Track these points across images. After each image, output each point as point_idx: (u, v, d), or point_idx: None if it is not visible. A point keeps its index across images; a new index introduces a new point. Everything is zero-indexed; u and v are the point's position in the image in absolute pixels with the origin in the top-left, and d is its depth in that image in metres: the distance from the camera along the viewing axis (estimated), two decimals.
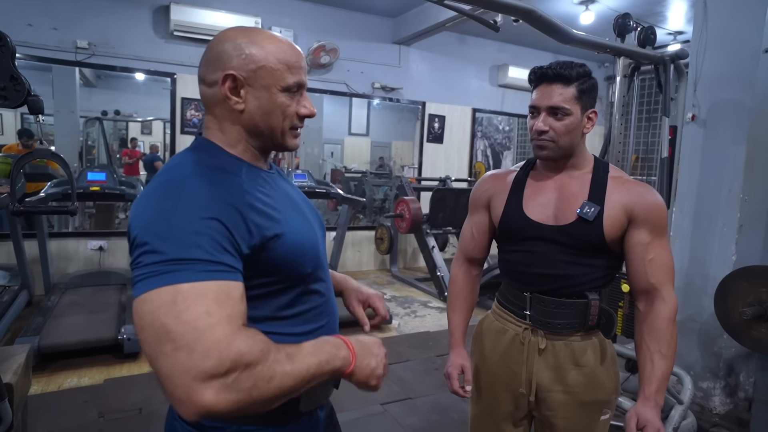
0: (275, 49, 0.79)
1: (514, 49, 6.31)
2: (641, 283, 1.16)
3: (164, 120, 7.55)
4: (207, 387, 0.59)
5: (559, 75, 1.12)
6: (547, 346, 1.20)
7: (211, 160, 0.78)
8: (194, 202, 0.68)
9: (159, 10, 4.46)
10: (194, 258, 0.64)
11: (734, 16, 2.47)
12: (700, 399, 2.58)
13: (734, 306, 2.12)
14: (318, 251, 0.86)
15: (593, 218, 1.12)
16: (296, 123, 0.83)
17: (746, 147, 2.44)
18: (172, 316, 0.61)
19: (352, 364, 0.74)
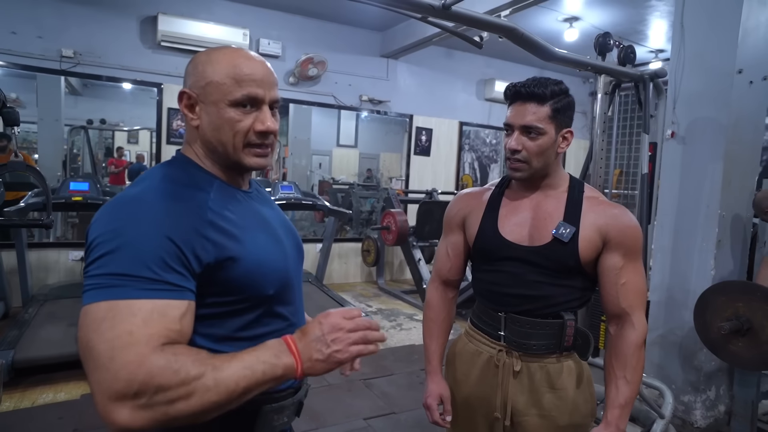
0: (227, 64, 0.78)
1: (500, 64, 6.41)
2: (613, 307, 1.15)
3: (151, 129, 7.51)
4: (120, 407, 0.60)
5: (533, 94, 1.11)
6: (522, 369, 1.17)
7: (183, 175, 0.79)
8: (149, 218, 0.69)
9: (146, 20, 4.45)
10: (137, 275, 0.65)
11: (710, 37, 2.54)
12: (681, 413, 2.59)
13: (712, 320, 2.15)
14: (286, 274, 0.84)
15: (568, 239, 1.12)
16: (252, 139, 0.79)
17: (723, 164, 2.49)
18: (98, 333, 0.62)
19: (298, 369, 0.71)
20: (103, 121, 6.77)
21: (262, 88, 0.79)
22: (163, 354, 0.63)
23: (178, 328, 0.67)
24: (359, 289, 5.53)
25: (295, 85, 5.20)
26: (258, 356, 0.69)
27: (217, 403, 0.65)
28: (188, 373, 0.63)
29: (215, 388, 0.64)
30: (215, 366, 0.66)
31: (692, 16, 2.62)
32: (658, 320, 2.75)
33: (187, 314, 0.69)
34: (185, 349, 0.67)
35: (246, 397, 0.68)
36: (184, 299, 0.69)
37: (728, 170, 2.52)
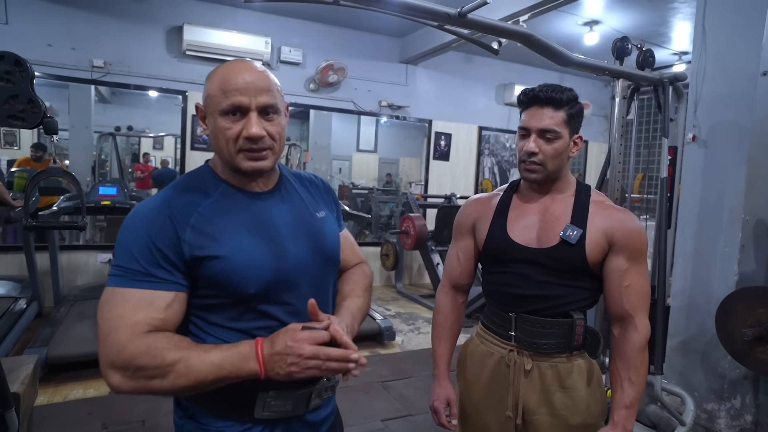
0: (218, 78, 0.85)
1: (520, 68, 6.39)
2: (616, 309, 1.17)
3: (176, 136, 7.73)
4: (113, 373, 0.76)
5: (551, 98, 1.14)
6: (533, 368, 1.19)
7: (193, 182, 0.90)
8: (139, 223, 0.82)
9: (172, 30, 4.61)
10: (130, 268, 0.79)
11: (733, 39, 2.51)
12: (704, 421, 2.55)
13: (735, 328, 2.12)
14: (276, 275, 0.86)
15: (576, 241, 1.14)
16: (243, 145, 0.84)
17: (747, 168, 2.45)
18: (102, 313, 0.79)
19: (262, 374, 0.79)
20: (130, 128, 6.99)
21: (246, 95, 0.83)
22: (145, 340, 0.76)
23: (162, 316, 0.79)
24: (378, 293, 5.56)
25: (315, 92, 5.29)
26: (228, 357, 0.78)
27: (187, 386, 0.77)
28: (164, 359, 0.76)
29: (186, 375, 0.76)
30: (190, 356, 0.77)
31: (714, 18, 2.59)
32: (680, 326, 2.71)
33: (173, 304, 0.81)
34: (166, 337, 0.78)
35: (214, 386, 0.79)
36: (170, 291, 0.81)
37: (752, 174, 2.47)
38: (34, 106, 1.42)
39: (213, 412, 0.87)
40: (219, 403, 0.86)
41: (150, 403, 2.71)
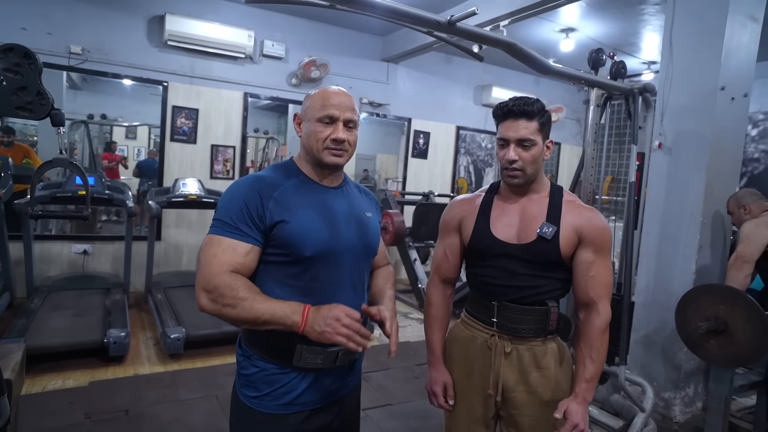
0: (319, 95, 1.16)
1: (497, 71, 6.56)
2: (582, 296, 1.32)
3: (150, 125, 7.60)
4: (202, 294, 1.05)
5: (524, 111, 1.27)
6: (512, 351, 1.33)
7: (280, 168, 1.20)
8: (238, 190, 1.12)
9: (154, 19, 4.54)
10: (225, 222, 1.09)
11: (696, 55, 2.70)
12: (662, 408, 2.74)
13: (693, 318, 2.30)
14: (327, 246, 1.13)
15: (551, 237, 1.28)
16: (329, 144, 1.14)
17: (706, 175, 2.65)
18: (202, 251, 1.08)
19: (301, 328, 1.03)
20: (104, 116, 6.81)
21: (337, 110, 1.14)
22: (230, 276, 1.05)
23: (241, 261, 1.07)
24: None
25: (297, 86, 5.31)
26: (282, 307, 1.05)
27: (247, 319, 1.04)
28: (237, 293, 1.03)
29: (249, 310, 1.03)
30: (255, 298, 1.04)
31: (680, 34, 2.78)
32: (642, 321, 2.90)
33: (250, 253, 1.08)
34: (242, 280, 1.06)
35: (265, 326, 1.04)
36: (248, 243, 1.08)
37: (711, 180, 2.67)
38: (42, 98, 1.44)
39: (263, 355, 1.14)
40: (268, 349, 1.13)
41: (132, 393, 2.73)
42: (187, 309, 3.73)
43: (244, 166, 5.24)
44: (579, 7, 4.44)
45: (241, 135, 5.10)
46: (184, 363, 3.19)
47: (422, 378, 3.24)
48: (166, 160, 4.75)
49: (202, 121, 4.86)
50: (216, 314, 1.04)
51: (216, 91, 4.90)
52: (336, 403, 1.22)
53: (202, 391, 2.82)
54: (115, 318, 3.44)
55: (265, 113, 8.16)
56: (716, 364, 2.26)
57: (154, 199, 3.99)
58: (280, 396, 1.13)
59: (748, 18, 2.69)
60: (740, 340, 2.12)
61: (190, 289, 4.26)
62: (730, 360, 2.18)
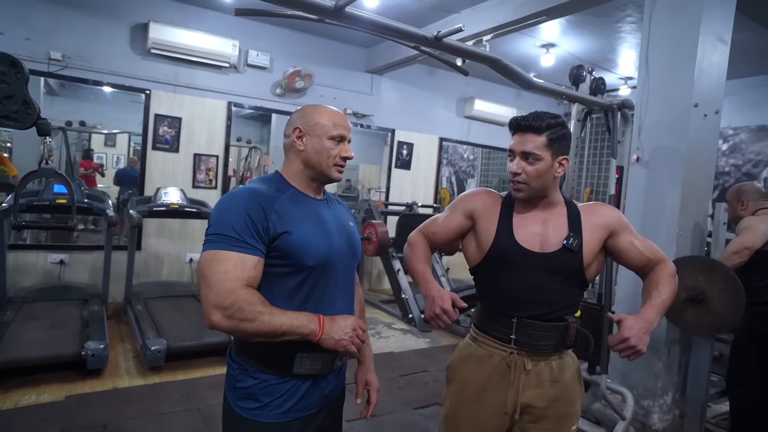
0: (328, 114, 1.22)
1: (480, 84, 6.67)
2: (644, 263, 1.35)
3: (131, 133, 7.49)
4: (215, 312, 1.04)
5: (530, 126, 1.29)
6: (531, 367, 1.31)
7: (272, 182, 1.21)
8: (238, 202, 1.11)
9: (137, 27, 4.51)
10: (228, 235, 1.07)
11: (671, 73, 2.80)
12: (641, 416, 2.80)
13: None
14: (326, 256, 1.17)
15: (576, 249, 1.29)
16: (338, 162, 1.22)
17: (681, 188, 2.74)
18: (209, 269, 1.06)
19: (318, 336, 1.09)
20: (82, 123, 6.70)
21: (346, 131, 1.23)
22: (246, 291, 1.06)
23: (253, 274, 1.09)
24: None
25: (281, 96, 5.32)
26: (298, 317, 1.09)
27: (266, 332, 1.06)
28: (256, 308, 1.05)
29: (268, 323, 1.05)
30: (272, 312, 1.07)
31: (656, 54, 2.88)
32: None
33: (258, 266, 1.10)
34: (257, 294, 1.09)
35: (283, 337, 1.07)
36: (255, 255, 1.09)
37: (686, 194, 2.77)
38: (28, 107, 1.42)
39: (261, 367, 1.15)
40: (266, 360, 1.15)
41: (111, 408, 2.66)
42: (168, 320, 3.67)
43: (227, 175, 5.20)
44: (559, 24, 4.57)
45: (225, 144, 5.07)
46: (165, 375, 3.13)
47: (406, 389, 3.24)
48: (148, 168, 4.69)
49: (185, 129, 4.82)
50: (230, 330, 1.05)
51: (199, 99, 4.87)
52: (329, 405, 1.26)
53: (183, 404, 2.77)
54: (92, 329, 3.36)
55: (248, 122, 8.15)
56: (691, 331, 2.31)
57: (136, 208, 3.93)
58: (281, 404, 1.16)
59: (718, 39, 2.81)
60: (716, 309, 2.17)
61: (171, 300, 4.19)
62: (704, 328, 2.24)
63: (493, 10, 4.08)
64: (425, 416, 2.82)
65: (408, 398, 3.07)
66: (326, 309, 1.17)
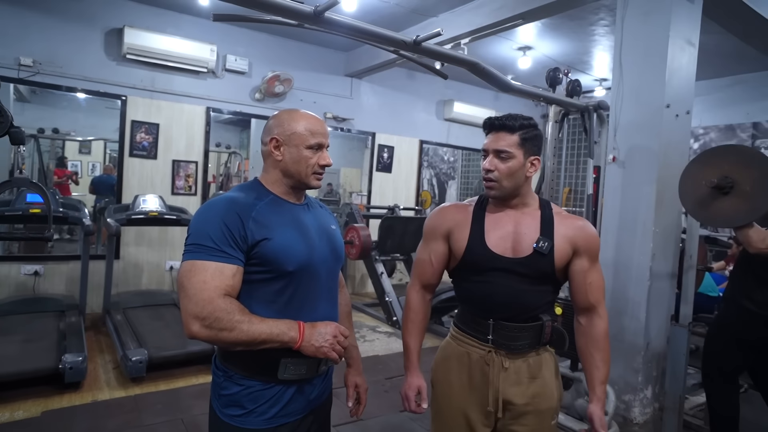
0: (305, 122, 1.21)
1: (459, 86, 6.74)
2: (583, 302, 1.38)
3: (107, 140, 7.34)
4: (194, 322, 1.04)
5: (503, 125, 1.32)
6: (509, 365, 1.35)
7: (248, 189, 1.21)
8: (215, 212, 1.12)
9: (112, 32, 4.43)
10: (206, 245, 1.08)
11: (643, 75, 2.88)
12: (623, 411, 2.85)
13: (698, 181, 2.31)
14: (306, 260, 1.17)
15: (547, 252, 1.31)
16: (317, 170, 1.22)
17: (656, 186, 2.81)
18: (187, 279, 1.06)
19: (298, 343, 1.09)
20: (55, 130, 6.54)
21: (324, 138, 1.23)
22: (224, 300, 1.06)
23: (231, 283, 1.08)
24: None
25: (261, 101, 5.28)
26: (278, 324, 1.09)
27: (244, 341, 1.06)
28: (234, 317, 1.04)
29: (246, 332, 1.05)
30: (251, 321, 1.06)
31: (629, 56, 2.96)
32: None
33: (236, 275, 1.10)
34: (236, 303, 1.08)
35: (262, 345, 1.07)
36: (234, 264, 1.09)
37: (660, 192, 2.84)
38: (1, 115, 1.38)
39: (245, 373, 1.15)
40: (251, 367, 1.15)
41: (92, 421, 2.60)
42: (149, 329, 3.60)
43: (207, 181, 5.14)
44: (535, 27, 4.65)
45: (204, 150, 5.01)
46: (146, 386, 3.07)
47: (392, 391, 3.24)
48: (125, 176, 4.60)
49: (163, 135, 4.74)
50: (209, 339, 1.05)
51: (177, 105, 4.81)
52: (315, 410, 1.26)
53: (166, 414, 2.72)
54: (70, 342, 3.27)
55: (227, 127, 8.06)
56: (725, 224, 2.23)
57: (113, 216, 3.86)
58: (267, 410, 1.16)
59: (686, 42, 2.90)
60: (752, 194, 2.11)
61: (151, 309, 4.11)
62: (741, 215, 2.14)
63: (470, 13, 4.13)
64: (411, 418, 2.83)
65: (394, 401, 3.08)
66: (309, 314, 1.17)
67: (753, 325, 2.18)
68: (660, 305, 2.92)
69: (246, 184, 1.25)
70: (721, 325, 2.35)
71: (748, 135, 5.71)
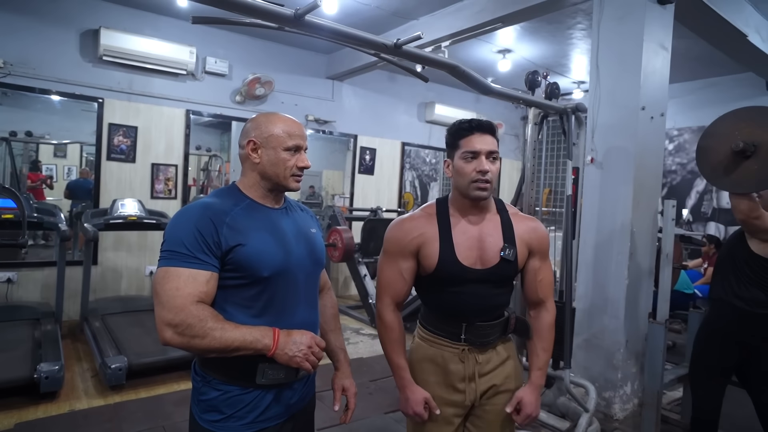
0: (282, 124, 1.21)
1: (440, 89, 6.78)
2: (533, 297, 1.48)
3: (83, 143, 7.17)
4: (167, 329, 1.04)
5: (489, 127, 1.37)
6: (482, 358, 1.42)
7: (224, 194, 1.20)
8: (189, 218, 1.11)
9: (87, 33, 4.34)
10: (180, 252, 1.07)
11: (620, 78, 2.95)
12: (603, 407, 2.91)
13: (718, 147, 2.18)
14: (283, 266, 1.17)
15: (513, 258, 1.37)
16: (295, 172, 1.22)
17: (633, 187, 2.88)
18: (160, 285, 1.07)
19: (272, 351, 1.08)
20: (29, 133, 6.36)
21: (302, 141, 1.23)
22: (197, 307, 1.05)
23: (205, 290, 1.08)
24: None
25: (241, 104, 5.24)
26: (252, 332, 1.08)
27: (217, 348, 1.05)
28: (206, 324, 1.04)
29: (219, 339, 1.04)
30: (224, 327, 1.06)
31: (605, 58, 3.03)
32: (583, 326, 3.08)
33: (210, 281, 1.09)
34: (209, 309, 1.08)
35: (235, 353, 1.06)
36: (207, 270, 1.09)
37: (637, 192, 2.91)
38: None
39: (223, 378, 1.14)
40: (228, 372, 1.14)
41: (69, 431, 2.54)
42: (129, 336, 3.54)
43: (187, 184, 5.07)
44: (514, 30, 4.72)
45: (184, 153, 4.94)
46: (126, 394, 3.01)
47: (377, 393, 3.24)
48: (102, 179, 4.50)
49: (142, 138, 4.67)
50: (182, 347, 1.05)
51: (156, 108, 4.74)
52: (297, 415, 1.26)
53: (147, 422, 2.67)
54: (46, 350, 3.19)
55: (207, 130, 7.95)
56: (752, 188, 2.06)
57: (90, 221, 3.77)
58: (245, 416, 1.15)
59: (660, 46, 2.98)
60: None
61: (131, 315, 4.04)
62: (749, 184, 2.05)
63: (450, 17, 4.17)
64: (396, 420, 2.83)
65: (379, 403, 3.08)
66: (288, 319, 1.17)
67: (747, 323, 2.18)
68: (638, 303, 2.99)
69: (222, 189, 1.24)
70: (714, 328, 2.29)
71: None
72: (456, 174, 1.37)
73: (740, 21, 3.67)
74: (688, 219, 5.92)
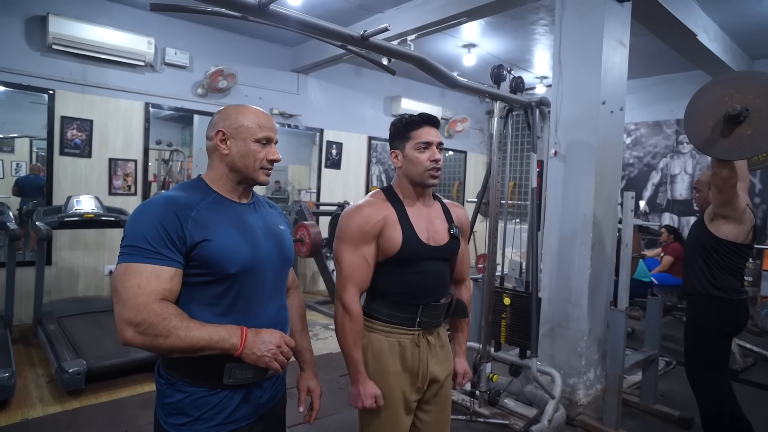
0: (252, 116, 1.18)
1: (406, 83, 6.80)
2: (457, 276, 1.64)
3: (32, 137, 6.81)
4: (127, 329, 0.99)
5: (437, 121, 1.50)
6: (432, 340, 1.52)
7: (189, 188, 1.16)
8: (151, 212, 1.06)
9: (34, 20, 4.10)
10: (142, 247, 1.02)
11: (581, 73, 3.02)
12: (568, 393, 3.00)
13: (706, 116, 2.09)
14: (250, 262, 1.13)
15: (458, 236, 1.54)
16: (266, 165, 1.18)
17: (594, 179, 2.96)
18: (120, 283, 1.01)
19: (239, 351, 1.04)
20: None
21: (273, 132, 1.20)
22: (160, 305, 1.00)
23: (169, 287, 1.03)
24: None
25: (203, 97, 5.09)
26: (218, 331, 1.04)
27: (182, 348, 1.00)
28: (170, 322, 0.99)
29: (183, 338, 1.00)
30: (189, 325, 1.01)
31: (567, 55, 3.10)
32: (548, 315, 3.16)
33: (174, 278, 1.04)
34: (173, 307, 1.03)
35: (201, 352, 1.02)
36: (171, 267, 1.04)
37: (598, 184, 3.00)
38: None
39: (189, 380, 1.10)
40: (193, 373, 1.10)
41: None
42: (87, 339, 3.39)
43: (147, 180, 4.89)
44: (479, 25, 4.76)
45: (143, 147, 4.76)
46: (85, 399, 2.88)
47: (347, 388, 3.22)
48: (56, 175, 4.29)
49: (98, 132, 4.46)
50: (144, 347, 1.00)
51: (113, 100, 4.54)
52: (267, 414, 1.23)
53: (109, 428, 2.57)
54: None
55: (168, 124, 7.70)
56: (747, 154, 2.01)
57: (43, 219, 3.58)
58: (212, 417, 1.11)
59: (618, 43, 3.08)
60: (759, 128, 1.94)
61: (89, 317, 3.87)
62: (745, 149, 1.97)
63: (416, 10, 4.17)
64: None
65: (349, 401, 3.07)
66: (256, 316, 1.14)
67: (731, 310, 2.21)
68: (600, 292, 3.09)
69: (188, 182, 1.20)
70: (702, 325, 2.29)
71: (672, 131, 6.14)
72: (409, 163, 1.46)
73: (690, 21, 3.84)
74: (645, 210, 6.16)
